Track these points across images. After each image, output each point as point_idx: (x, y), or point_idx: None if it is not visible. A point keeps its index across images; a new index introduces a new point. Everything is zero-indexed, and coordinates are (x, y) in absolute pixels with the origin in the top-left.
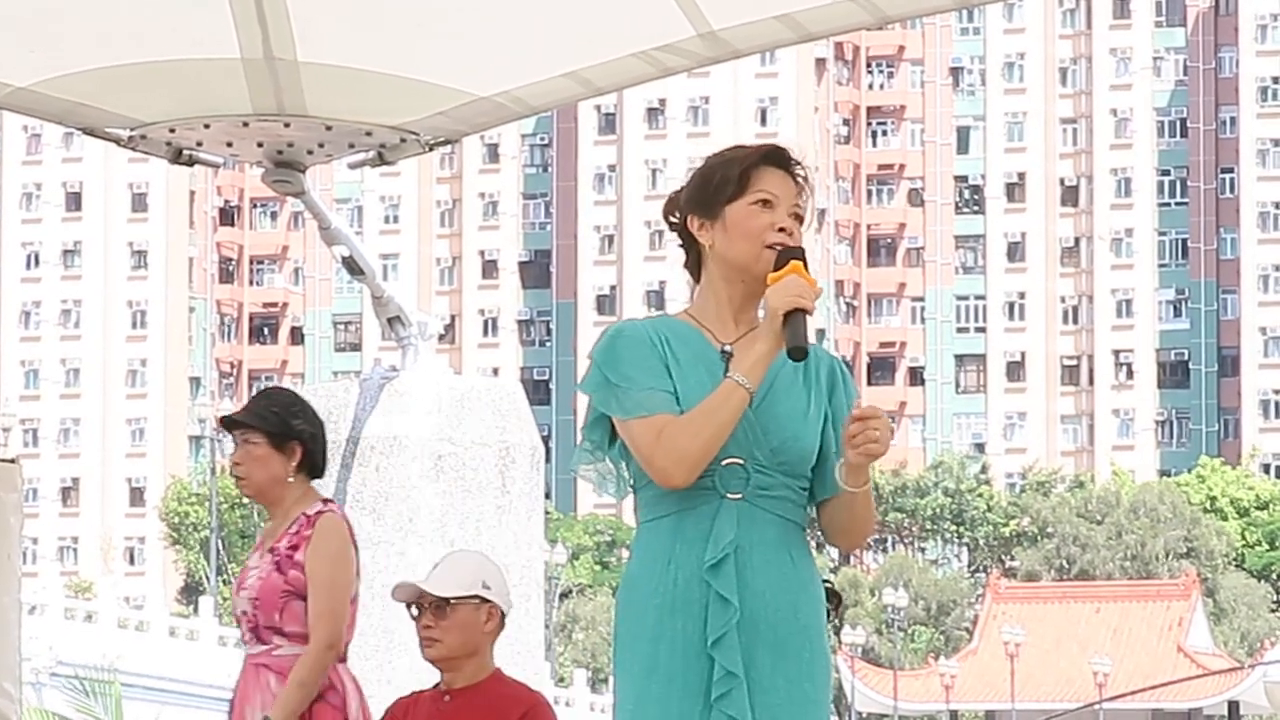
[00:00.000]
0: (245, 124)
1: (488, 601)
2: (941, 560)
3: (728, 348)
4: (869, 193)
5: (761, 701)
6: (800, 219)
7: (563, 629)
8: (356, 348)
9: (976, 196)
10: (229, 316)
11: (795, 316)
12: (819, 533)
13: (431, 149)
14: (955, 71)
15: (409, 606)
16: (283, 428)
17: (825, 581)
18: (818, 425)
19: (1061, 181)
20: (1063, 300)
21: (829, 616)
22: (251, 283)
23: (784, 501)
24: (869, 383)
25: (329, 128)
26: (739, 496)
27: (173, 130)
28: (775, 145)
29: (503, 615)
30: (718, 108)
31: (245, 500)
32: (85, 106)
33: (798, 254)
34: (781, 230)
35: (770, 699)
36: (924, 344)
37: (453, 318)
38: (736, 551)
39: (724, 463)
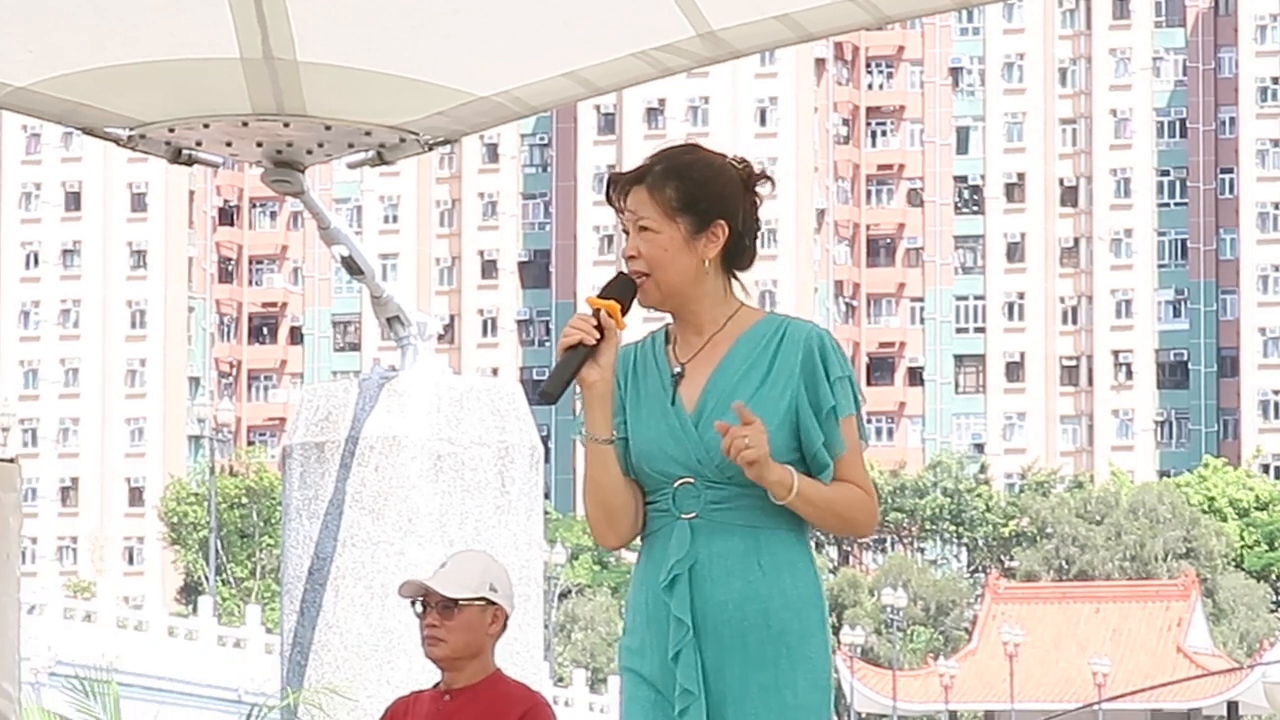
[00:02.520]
0: (244, 124)
1: (494, 604)
2: (941, 560)
3: (678, 369)
4: (868, 193)
5: (735, 714)
6: (647, 229)
7: (562, 629)
8: (356, 348)
9: (976, 197)
10: (228, 316)
11: (565, 355)
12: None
13: (431, 149)
14: (955, 72)
15: (413, 603)
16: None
17: None
18: (776, 424)
19: (1061, 182)
20: (1062, 300)
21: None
22: (251, 282)
23: (747, 511)
24: (868, 383)
25: (328, 127)
26: (693, 515)
27: (172, 130)
28: (616, 172)
29: (506, 617)
30: (717, 108)
31: (244, 500)
32: (85, 106)
33: (611, 283)
34: (627, 259)
35: (744, 709)
36: (923, 344)
37: (452, 318)
38: (693, 568)
39: (676, 484)
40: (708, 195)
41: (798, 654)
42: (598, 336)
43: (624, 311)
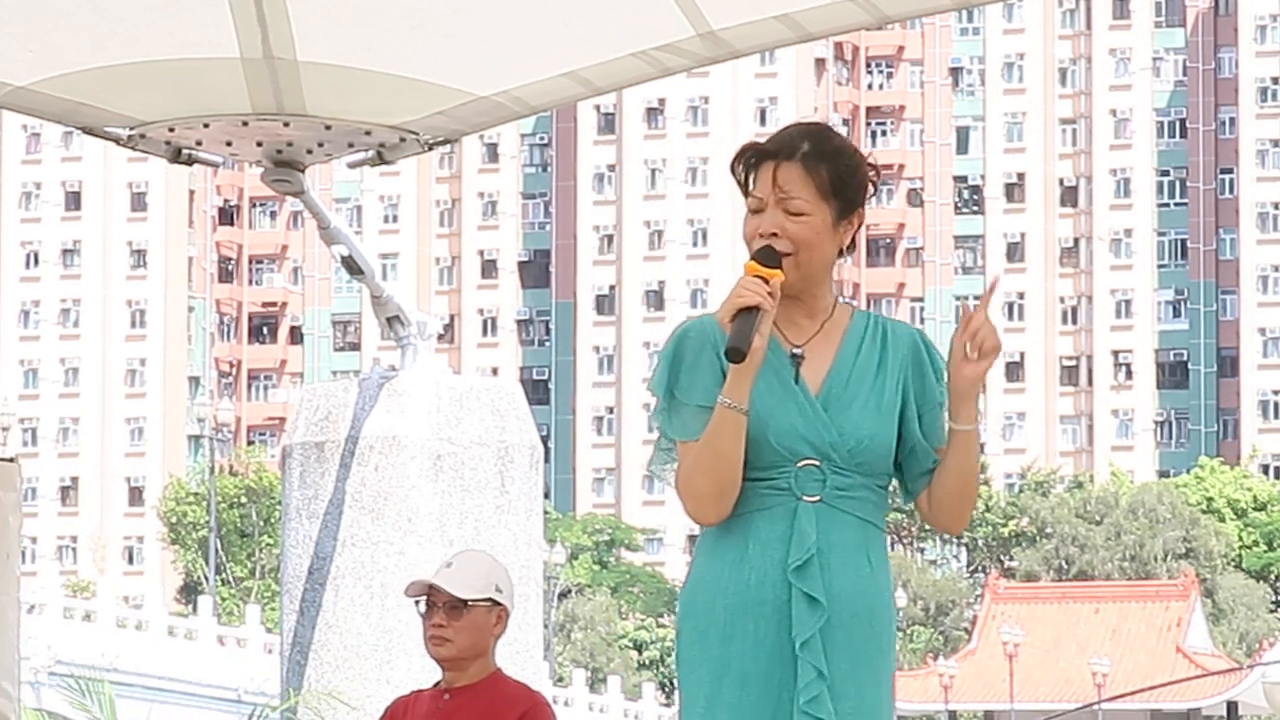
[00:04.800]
0: (245, 123)
1: (499, 604)
2: (940, 560)
3: (798, 350)
4: None
5: (837, 708)
6: (796, 211)
7: (561, 629)
8: (355, 347)
9: (976, 197)
10: (228, 316)
11: (740, 316)
12: (919, 524)
13: (431, 148)
14: (955, 72)
15: (417, 603)
16: None
17: None
18: (894, 417)
19: (1061, 182)
20: (1062, 301)
21: None
22: (251, 282)
23: (863, 503)
24: None
25: (328, 127)
26: (816, 499)
27: (172, 129)
28: (755, 141)
29: (508, 616)
30: (717, 108)
31: (244, 500)
32: (85, 105)
33: (759, 252)
34: (762, 236)
35: (845, 705)
36: None
37: (452, 317)
38: (818, 554)
39: (799, 464)
40: (856, 182)
41: (890, 657)
42: (771, 303)
43: None
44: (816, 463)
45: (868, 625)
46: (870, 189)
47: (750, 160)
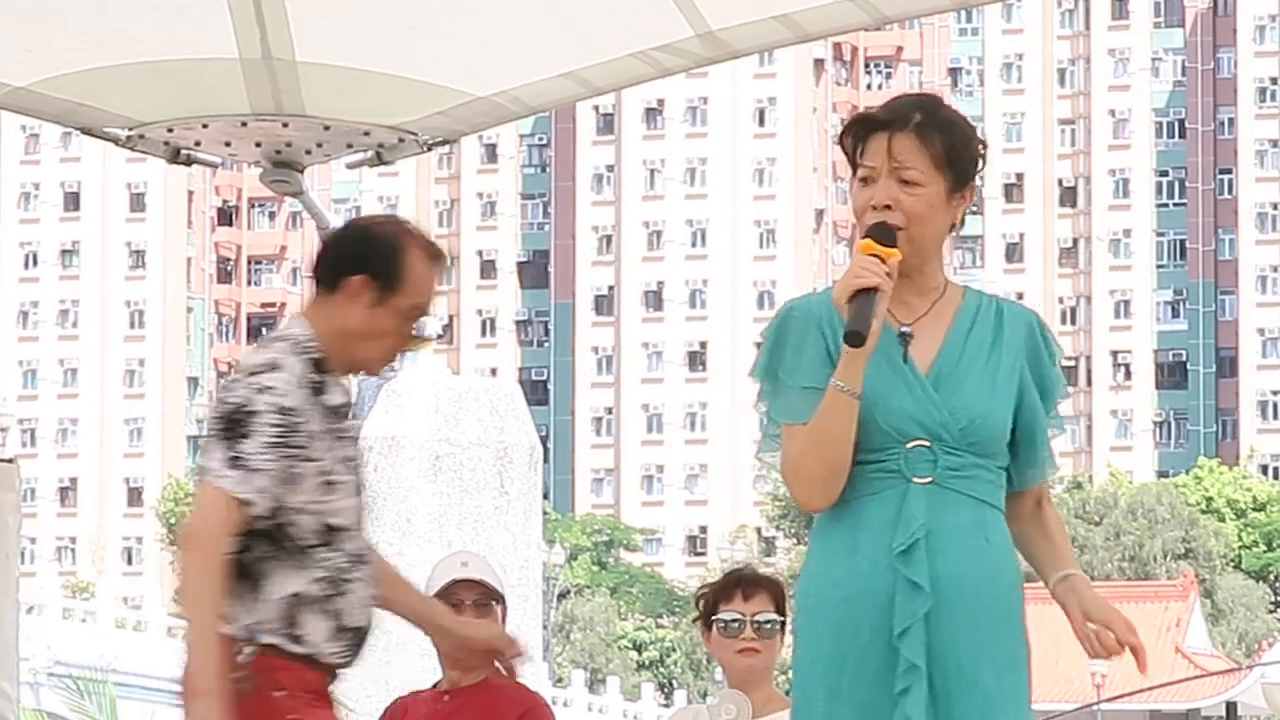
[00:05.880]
0: (243, 124)
1: (504, 602)
2: None
3: (906, 329)
4: None
5: (964, 695)
6: (911, 182)
7: (560, 629)
8: None
9: (974, 197)
10: (227, 316)
11: (858, 298)
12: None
13: (430, 149)
14: (953, 72)
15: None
16: None
17: None
18: (1010, 397)
19: (1060, 182)
20: (1061, 301)
21: None
22: (249, 283)
23: (978, 482)
24: None
25: (327, 127)
26: (928, 480)
27: (171, 130)
28: (867, 111)
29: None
30: (716, 108)
31: None
32: (83, 106)
33: (874, 230)
34: (874, 209)
35: (976, 691)
36: None
37: (451, 318)
38: (927, 536)
39: (909, 445)
40: (969, 154)
41: (1022, 637)
42: (890, 284)
43: None
44: (927, 443)
45: (993, 606)
46: (981, 164)
47: (859, 131)
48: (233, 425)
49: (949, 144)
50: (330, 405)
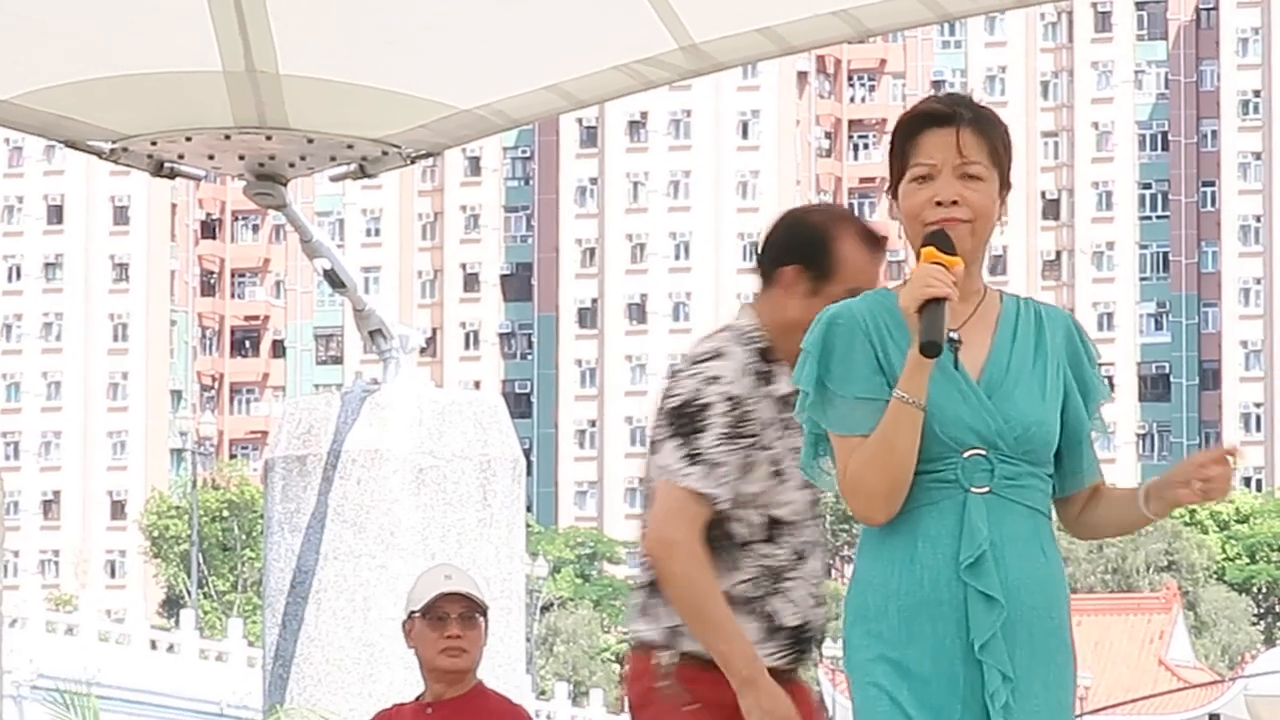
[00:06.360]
0: (227, 136)
1: (486, 615)
2: None
3: (954, 334)
4: (850, 206)
5: (1021, 707)
6: (975, 176)
7: (544, 642)
8: (338, 361)
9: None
10: (210, 329)
11: (929, 308)
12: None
13: (413, 161)
14: (937, 84)
15: (423, 614)
16: None
17: None
18: (1057, 403)
19: (1043, 195)
20: None
21: None
22: (233, 296)
23: (1031, 491)
24: None
25: (311, 140)
26: (985, 490)
27: (154, 143)
28: (931, 100)
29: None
30: (699, 121)
31: (226, 514)
32: (67, 119)
33: (933, 238)
34: (940, 205)
35: (1028, 705)
36: None
37: (434, 331)
38: (991, 548)
39: (966, 455)
40: (1010, 152)
41: (1070, 650)
42: (957, 293)
43: None
44: (983, 452)
45: (1047, 618)
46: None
47: (913, 127)
48: (686, 420)
49: (1001, 140)
50: (779, 395)
